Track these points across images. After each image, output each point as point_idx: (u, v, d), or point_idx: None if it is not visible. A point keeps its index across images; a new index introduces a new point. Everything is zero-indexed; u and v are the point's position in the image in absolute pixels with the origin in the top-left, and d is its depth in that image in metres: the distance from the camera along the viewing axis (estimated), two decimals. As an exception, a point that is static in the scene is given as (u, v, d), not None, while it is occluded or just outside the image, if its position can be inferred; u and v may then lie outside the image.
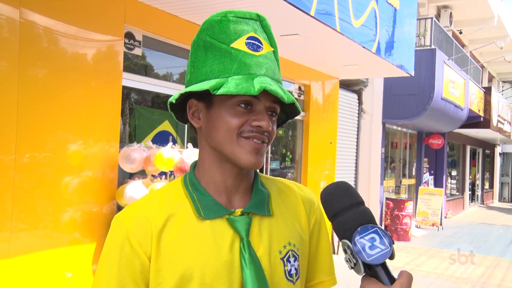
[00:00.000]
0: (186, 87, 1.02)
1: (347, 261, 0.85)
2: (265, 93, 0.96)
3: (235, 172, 1.01)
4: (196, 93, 0.99)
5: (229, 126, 0.96)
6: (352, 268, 0.84)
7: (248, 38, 0.98)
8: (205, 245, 0.95)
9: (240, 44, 0.97)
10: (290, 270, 1.01)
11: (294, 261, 1.02)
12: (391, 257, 0.82)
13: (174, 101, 1.00)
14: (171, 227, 0.96)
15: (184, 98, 1.02)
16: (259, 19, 1.01)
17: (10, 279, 3.16)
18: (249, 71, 0.95)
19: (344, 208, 0.87)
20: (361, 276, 0.88)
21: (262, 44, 0.99)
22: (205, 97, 0.99)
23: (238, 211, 0.99)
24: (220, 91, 0.92)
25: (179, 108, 1.06)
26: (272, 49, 1.01)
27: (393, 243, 0.82)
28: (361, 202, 0.89)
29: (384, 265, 0.82)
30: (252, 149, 0.96)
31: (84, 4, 3.65)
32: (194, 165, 1.07)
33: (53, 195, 3.43)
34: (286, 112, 1.10)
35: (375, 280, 0.81)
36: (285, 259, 1.01)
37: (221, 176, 1.01)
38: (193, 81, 1.00)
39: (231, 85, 0.92)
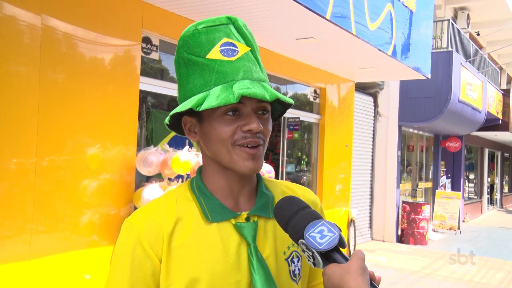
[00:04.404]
0: (179, 104, 1.05)
1: (308, 259, 0.90)
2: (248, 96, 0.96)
3: (238, 177, 1.04)
4: (186, 110, 1.00)
5: (222, 136, 0.98)
6: (314, 265, 0.89)
7: (222, 45, 0.98)
8: (213, 247, 0.98)
9: (215, 54, 0.98)
10: (294, 270, 1.06)
11: (298, 262, 1.07)
12: (342, 244, 0.87)
13: (168, 123, 1.04)
14: (180, 230, 0.99)
15: (179, 115, 1.04)
16: (231, 21, 1.02)
17: (31, 280, 3.22)
18: (227, 79, 0.96)
19: (292, 215, 0.93)
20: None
21: (237, 47, 0.99)
22: (195, 112, 1.00)
23: (244, 214, 1.02)
24: (202, 107, 0.94)
25: (178, 125, 1.08)
26: (249, 49, 1.01)
27: (341, 230, 0.88)
28: (306, 206, 0.95)
29: (338, 250, 0.88)
30: (248, 156, 0.99)
31: (103, 10, 3.71)
32: (200, 169, 1.09)
33: (72, 198, 3.49)
34: (281, 103, 1.09)
35: (334, 264, 0.87)
36: (289, 260, 1.05)
37: (225, 181, 1.04)
38: (182, 99, 1.02)
39: (212, 98, 0.94)
